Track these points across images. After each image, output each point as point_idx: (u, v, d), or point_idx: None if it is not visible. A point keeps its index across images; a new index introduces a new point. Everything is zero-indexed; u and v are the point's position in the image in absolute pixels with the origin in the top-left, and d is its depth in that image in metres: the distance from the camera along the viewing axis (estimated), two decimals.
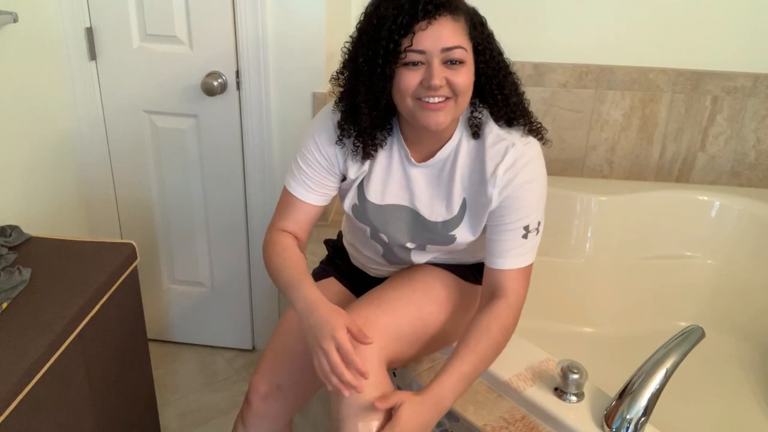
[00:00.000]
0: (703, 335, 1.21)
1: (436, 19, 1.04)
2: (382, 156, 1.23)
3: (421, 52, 1.06)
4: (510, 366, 1.35)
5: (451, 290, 1.30)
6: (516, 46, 2.07)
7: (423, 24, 1.04)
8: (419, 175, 1.23)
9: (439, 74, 1.06)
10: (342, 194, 1.30)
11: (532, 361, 1.37)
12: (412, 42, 1.05)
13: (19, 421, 1.13)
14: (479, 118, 1.18)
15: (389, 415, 1.12)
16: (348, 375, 1.07)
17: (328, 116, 1.23)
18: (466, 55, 1.08)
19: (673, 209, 2.09)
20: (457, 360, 1.15)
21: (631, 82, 2.08)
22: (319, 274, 1.48)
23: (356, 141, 1.19)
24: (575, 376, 1.26)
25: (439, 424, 1.34)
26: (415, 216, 1.25)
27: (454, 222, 1.23)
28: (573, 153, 2.18)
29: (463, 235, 1.24)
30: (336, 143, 1.22)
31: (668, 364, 1.17)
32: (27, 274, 1.37)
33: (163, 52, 1.89)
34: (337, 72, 1.19)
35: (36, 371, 1.18)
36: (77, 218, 2.05)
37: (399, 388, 1.40)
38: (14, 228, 1.53)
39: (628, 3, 2.02)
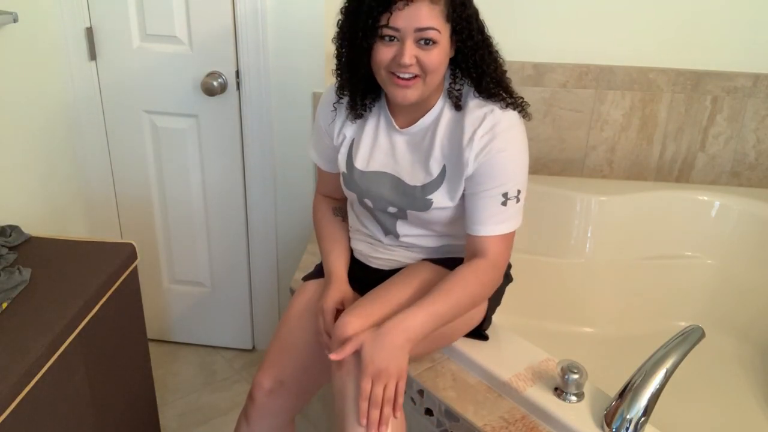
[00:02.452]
0: (703, 335, 1.21)
1: (413, 1, 1.11)
2: (369, 124, 1.31)
3: (396, 29, 1.13)
4: (510, 366, 1.35)
5: None
6: (516, 46, 2.08)
7: (400, 4, 1.11)
8: (402, 141, 1.29)
9: (410, 53, 1.13)
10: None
11: (532, 361, 1.37)
12: (388, 21, 1.12)
13: (19, 421, 1.13)
14: (459, 90, 1.24)
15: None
16: (325, 338, 1.27)
17: (331, 87, 1.35)
18: (440, 36, 1.14)
19: (673, 209, 2.09)
20: (429, 299, 1.18)
21: (631, 82, 2.08)
22: (320, 272, 1.48)
23: (348, 103, 1.30)
24: (575, 376, 1.26)
25: (439, 424, 1.34)
26: (396, 181, 1.29)
27: (432, 186, 1.26)
28: (573, 153, 2.18)
29: (440, 200, 1.27)
30: (331, 111, 1.34)
31: (668, 364, 1.17)
32: (27, 274, 1.37)
33: (163, 52, 1.89)
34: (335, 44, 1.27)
35: (36, 371, 1.18)
36: (77, 218, 2.05)
37: None
38: (14, 228, 1.53)
39: (628, 3, 2.02)
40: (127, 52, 1.90)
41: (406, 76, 1.16)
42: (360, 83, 1.25)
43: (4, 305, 1.28)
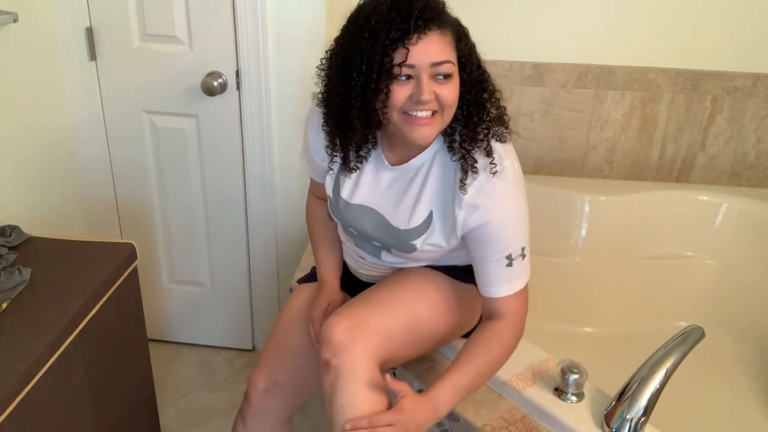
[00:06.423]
0: (703, 335, 1.21)
1: (426, 33, 1.03)
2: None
3: (412, 66, 1.05)
4: (510, 366, 1.35)
5: (442, 289, 1.29)
6: (516, 46, 2.09)
7: (413, 38, 1.03)
8: (390, 178, 1.23)
9: (428, 89, 1.06)
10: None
11: (532, 361, 1.37)
12: (405, 57, 1.04)
13: (19, 421, 1.13)
14: (455, 128, 1.16)
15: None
16: (318, 347, 1.24)
17: (318, 109, 1.24)
18: (453, 68, 1.08)
19: (673, 209, 2.09)
20: (453, 371, 1.17)
21: (631, 82, 2.08)
22: (315, 275, 1.48)
23: (341, 159, 1.22)
24: (575, 376, 1.26)
25: (439, 424, 1.34)
26: (380, 219, 1.25)
27: (416, 232, 1.21)
28: (573, 153, 2.18)
29: (424, 246, 1.23)
30: (320, 135, 1.25)
31: (668, 364, 1.17)
32: (27, 274, 1.37)
33: (163, 52, 1.89)
34: (320, 81, 1.17)
35: (36, 371, 1.18)
36: (77, 218, 2.05)
37: None
38: (14, 228, 1.53)
39: (628, 3, 2.02)
40: (127, 52, 1.90)
41: (425, 114, 1.08)
42: (357, 138, 1.17)
43: (4, 305, 1.28)
